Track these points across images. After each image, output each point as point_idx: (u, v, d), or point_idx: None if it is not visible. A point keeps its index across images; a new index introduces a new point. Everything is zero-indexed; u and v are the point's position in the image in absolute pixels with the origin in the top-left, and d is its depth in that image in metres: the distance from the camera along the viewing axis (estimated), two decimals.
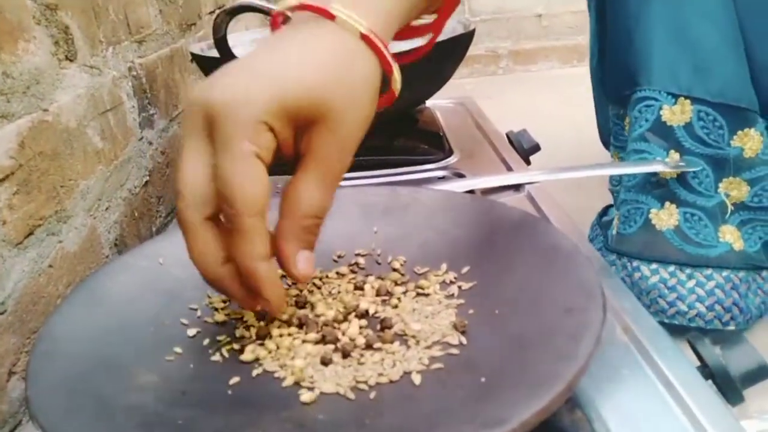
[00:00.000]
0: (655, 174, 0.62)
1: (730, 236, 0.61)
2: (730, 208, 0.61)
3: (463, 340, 0.31)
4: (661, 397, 0.32)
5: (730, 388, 0.37)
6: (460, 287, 0.36)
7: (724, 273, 0.60)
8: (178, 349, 0.31)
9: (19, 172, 0.44)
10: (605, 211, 0.75)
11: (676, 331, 0.39)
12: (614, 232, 0.66)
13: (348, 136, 0.30)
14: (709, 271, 0.60)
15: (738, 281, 0.61)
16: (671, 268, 0.61)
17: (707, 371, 0.38)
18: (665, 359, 0.35)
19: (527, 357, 0.27)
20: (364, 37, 0.31)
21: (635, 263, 0.63)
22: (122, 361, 0.30)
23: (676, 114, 0.60)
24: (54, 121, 0.49)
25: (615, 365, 0.35)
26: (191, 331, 0.33)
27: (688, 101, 0.60)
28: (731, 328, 0.60)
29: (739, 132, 0.59)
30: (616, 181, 0.73)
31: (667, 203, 0.62)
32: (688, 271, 0.61)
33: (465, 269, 0.37)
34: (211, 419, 0.26)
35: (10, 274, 0.42)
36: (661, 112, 0.61)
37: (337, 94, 0.30)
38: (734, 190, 0.61)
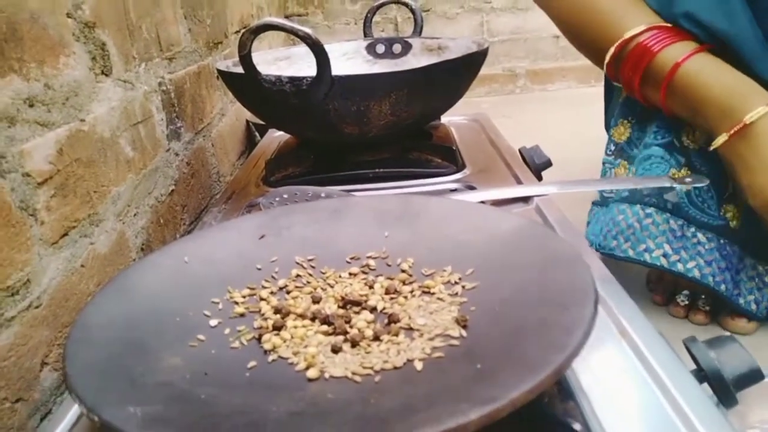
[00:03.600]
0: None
1: (731, 214, 0.63)
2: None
3: (464, 333, 0.33)
4: (655, 397, 0.34)
5: (724, 390, 0.39)
6: (463, 287, 0.38)
7: (710, 235, 0.63)
8: (201, 337, 0.34)
9: (57, 177, 0.47)
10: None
11: (671, 335, 0.40)
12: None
13: None
14: (695, 230, 0.63)
15: (731, 252, 0.63)
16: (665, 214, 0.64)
17: (702, 374, 0.39)
18: (661, 362, 0.36)
19: (521, 347, 0.29)
20: None
21: (623, 206, 0.66)
22: (150, 346, 0.32)
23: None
24: (90, 131, 0.53)
25: (611, 367, 0.36)
26: (213, 322, 0.36)
27: None
28: (695, 276, 0.62)
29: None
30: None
31: (684, 169, 0.65)
32: (680, 222, 0.63)
33: (469, 271, 0.39)
34: (231, 396, 0.28)
35: (45, 272, 0.45)
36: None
37: None
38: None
